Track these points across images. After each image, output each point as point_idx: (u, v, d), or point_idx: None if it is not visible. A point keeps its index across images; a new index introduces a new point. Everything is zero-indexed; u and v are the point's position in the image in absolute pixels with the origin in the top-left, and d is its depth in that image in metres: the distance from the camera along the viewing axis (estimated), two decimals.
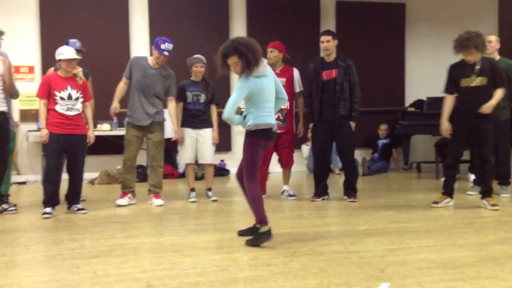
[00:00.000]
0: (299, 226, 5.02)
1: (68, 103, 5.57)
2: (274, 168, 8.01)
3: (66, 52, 5.57)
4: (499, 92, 5.75)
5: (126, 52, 9.01)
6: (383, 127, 10.03)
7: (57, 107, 5.54)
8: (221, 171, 9.36)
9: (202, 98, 6.48)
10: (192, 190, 6.57)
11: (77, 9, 8.93)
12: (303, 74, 6.62)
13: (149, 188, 6.34)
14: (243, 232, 4.54)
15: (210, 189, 6.65)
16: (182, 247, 4.17)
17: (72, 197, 5.79)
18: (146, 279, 3.35)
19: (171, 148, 7.82)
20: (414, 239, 4.41)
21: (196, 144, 6.50)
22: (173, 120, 6.36)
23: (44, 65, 8.46)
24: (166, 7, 9.34)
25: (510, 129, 6.71)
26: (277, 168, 7.31)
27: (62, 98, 5.55)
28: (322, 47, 6.39)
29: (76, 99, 5.62)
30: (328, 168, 6.76)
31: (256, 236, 4.28)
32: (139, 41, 9.24)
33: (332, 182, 7.45)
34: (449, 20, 10.45)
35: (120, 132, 8.32)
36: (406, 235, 4.54)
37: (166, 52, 6.14)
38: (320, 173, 6.51)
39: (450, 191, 6.00)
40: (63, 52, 5.57)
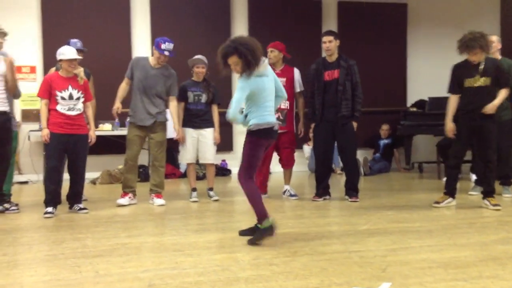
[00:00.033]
0: (301, 226, 5.02)
1: (69, 103, 5.58)
2: (275, 168, 8.02)
3: (67, 52, 5.57)
4: (503, 92, 5.74)
5: (128, 52, 9.01)
6: (385, 127, 10.03)
7: (58, 107, 5.55)
8: (222, 171, 9.36)
9: (203, 98, 6.48)
10: (194, 190, 6.57)
11: (78, 9, 8.94)
12: (305, 74, 6.62)
13: (150, 188, 6.34)
14: (244, 232, 4.54)
15: (211, 189, 6.65)
16: (184, 247, 4.18)
17: (74, 197, 5.79)
18: (148, 278, 3.36)
19: (172, 148, 7.82)
20: (416, 239, 4.41)
21: (197, 144, 6.51)
22: (174, 120, 6.37)
23: (45, 65, 8.46)
24: (167, 8, 9.35)
25: None
26: (278, 168, 7.31)
27: (63, 98, 5.55)
28: (324, 48, 6.39)
29: (77, 99, 5.63)
30: (330, 168, 6.76)
31: (258, 232, 4.30)
32: (141, 41, 9.24)
33: (334, 182, 7.45)
34: (451, 20, 10.45)
35: (121, 132, 8.34)
36: (407, 235, 4.54)
37: (166, 52, 6.14)
38: (322, 173, 6.51)
39: (452, 191, 5.99)
40: (64, 52, 5.58)
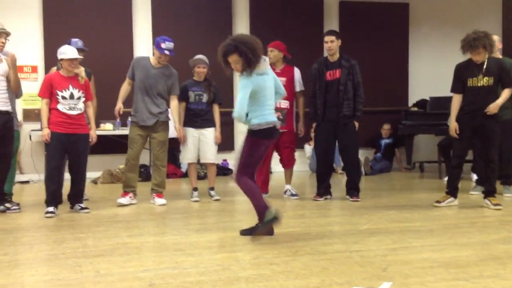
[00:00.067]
0: (302, 225, 5.02)
1: (70, 102, 5.57)
2: (276, 167, 8.01)
3: (68, 52, 5.57)
4: (506, 92, 5.73)
5: (129, 52, 9.01)
6: (386, 127, 10.03)
7: (59, 106, 5.55)
8: (223, 171, 9.36)
9: (204, 98, 6.48)
10: (195, 189, 6.58)
11: (80, 9, 8.95)
12: (306, 74, 6.62)
13: (152, 187, 6.35)
14: (245, 232, 4.54)
15: (212, 188, 6.66)
16: (185, 246, 4.18)
17: (75, 197, 5.79)
18: (148, 278, 3.36)
19: (174, 148, 7.83)
20: (417, 238, 4.41)
21: (198, 143, 6.51)
22: (174, 119, 6.36)
23: (47, 64, 8.47)
24: (169, 7, 9.35)
25: None
26: (279, 168, 7.31)
27: (64, 98, 5.55)
28: (326, 47, 6.39)
29: (78, 98, 5.63)
30: (331, 168, 6.76)
31: (263, 224, 4.33)
32: (142, 41, 9.25)
33: (335, 182, 7.45)
34: (452, 20, 10.45)
35: (123, 131, 8.34)
36: (408, 235, 4.53)
37: (167, 51, 6.13)
38: (323, 172, 6.50)
39: (454, 190, 5.98)
40: (65, 51, 5.57)
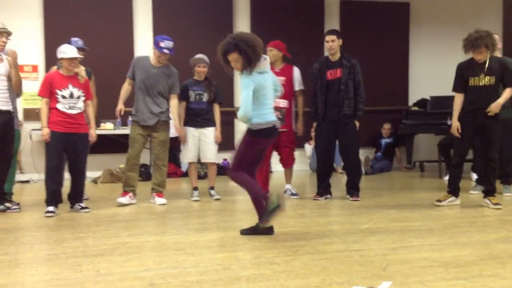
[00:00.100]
0: (302, 225, 5.02)
1: (70, 102, 5.57)
2: (276, 167, 8.01)
3: (68, 51, 5.56)
4: (508, 91, 5.71)
5: (130, 52, 9.01)
6: (387, 126, 10.03)
7: (58, 106, 5.54)
8: (224, 170, 9.35)
9: (205, 97, 6.48)
10: (195, 189, 6.58)
11: (80, 8, 8.94)
12: (307, 73, 6.62)
13: (152, 187, 6.35)
14: (245, 231, 4.55)
15: (213, 187, 6.66)
16: (185, 246, 4.18)
17: (75, 196, 5.80)
18: (149, 277, 3.36)
19: (174, 147, 7.83)
20: (417, 237, 4.41)
21: (199, 143, 6.51)
22: (174, 117, 6.34)
23: (47, 64, 8.46)
24: (169, 7, 9.34)
25: None
26: (279, 167, 7.31)
27: (63, 97, 5.55)
28: (327, 47, 6.39)
29: (78, 97, 5.62)
30: (331, 167, 6.76)
31: (267, 212, 4.34)
32: (143, 40, 9.24)
33: (335, 181, 7.45)
34: (453, 20, 10.44)
35: (123, 131, 8.34)
36: (408, 234, 4.54)
37: (166, 50, 6.11)
38: (323, 172, 6.51)
39: (455, 190, 5.98)
40: (64, 50, 5.57)
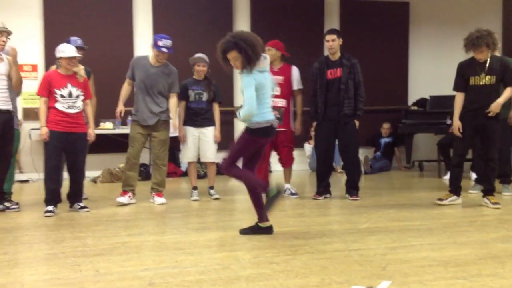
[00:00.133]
0: (301, 224, 5.02)
1: (69, 101, 5.56)
2: (276, 166, 8.01)
3: (66, 50, 5.55)
4: (508, 91, 5.71)
5: (130, 51, 9.00)
6: (386, 126, 10.02)
7: (57, 105, 5.53)
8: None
9: (204, 97, 6.48)
10: (195, 188, 6.58)
11: (80, 8, 8.93)
12: (307, 72, 6.62)
13: (151, 186, 6.34)
14: (245, 231, 4.55)
15: (212, 187, 6.66)
16: (185, 245, 4.18)
17: (74, 196, 5.79)
18: (148, 277, 3.36)
19: (174, 147, 7.83)
20: (416, 237, 4.42)
21: (198, 142, 6.51)
22: (173, 116, 6.32)
23: (47, 63, 8.46)
24: (169, 6, 9.33)
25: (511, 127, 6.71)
26: (278, 167, 7.31)
27: (62, 96, 5.54)
28: (327, 46, 6.39)
29: (77, 97, 5.62)
30: (331, 167, 6.76)
31: (269, 200, 4.38)
32: (143, 40, 9.21)
33: (334, 181, 7.45)
34: (452, 19, 10.44)
35: (123, 130, 8.34)
36: (408, 233, 4.54)
37: (164, 49, 6.09)
38: (323, 171, 6.51)
39: (456, 189, 5.99)
40: (63, 49, 5.56)
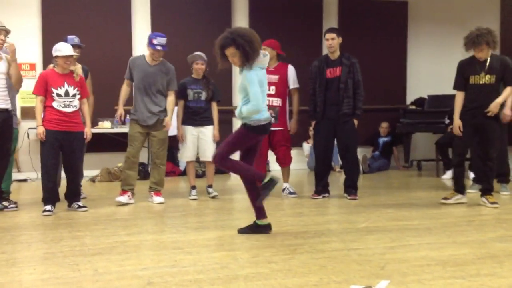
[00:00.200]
0: (300, 223, 5.02)
1: (65, 100, 5.55)
2: (274, 166, 8.01)
3: (63, 49, 5.53)
4: (508, 90, 5.70)
5: (128, 50, 8.99)
6: (384, 125, 10.02)
7: (54, 104, 5.52)
8: (224, 169, 9.33)
9: (203, 96, 6.47)
10: (193, 187, 6.57)
11: (79, 7, 8.92)
12: (305, 72, 6.61)
13: (150, 186, 6.33)
14: (243, 230, 4.55)
15: (210, 186, 6.65)
16: (183, 245, 4.18)
17: (72, 195, 5.78)
18: (147, 276, 3.36)
19: (172, 146, 7.82)
20: (415, 236, 4.42)
21: (197, 141, 6.51)
22: (169, 114, 6.27)
23: (45, 62, 8.43)
24: (168, 6, 9.32)
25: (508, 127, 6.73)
26: (277, 166, 7.30)
27: (59, 95, 5.53)
28: (326, 45, 6.39)
29: (73, 95, 5.60)
30: (329, 166, 6.77)
31: (264, 189, 4.36)
32: (141, 39, 9.15)
33: (333, 180, 7.44)
34: (451, 19, 10.44)
35: (121, 129, 8.33)
36: (406, 233, 4.54)
37: (158, 47, 6.06)
38: (321, 171, 6.51)
39: (460, 188, 6.01)
40: (60, 48, 5.54)
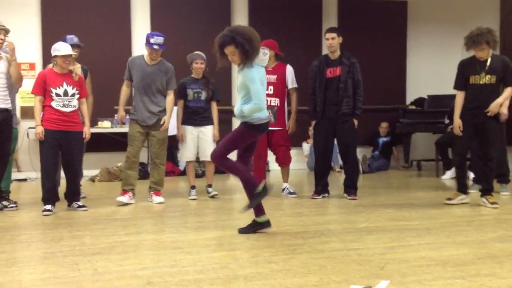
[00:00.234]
0: (299, 223, 5.02)
1: (64, 100, 5.54)
2: (274, 165, 8.01)
3: (62, 48, 5.53)
4: (508, 91, 5.70)
5: (128, 50, 9.00)
6: (384, 125, 10.03)
7: (53, 104, 5.52)
8: (222, 169, 9.32)
9: (203, 95, 6.47)
10: (193, 187, 6.57)
11: (78, 7, 8.92)
12: (305, 72, 6.61)
13: (150, 185, 6.33)
14: (243, 230, 4.55)
15: (210, 185, 6.65)
16: (183, 245, 4.18)
17: (71, 195, 5.78)
18: (146, 276, 3.36)
19: (172, 146, 7.82)
20: (414, 236, 4.42)
21: (197, 141, 6.51)
22: (168, 113, 6.26)
23: (45, 62, 8.44)
24: (168, 6, 9.32)
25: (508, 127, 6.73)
26: (276, 166, 7.30)
27: (58, 95, 5.52)
28: (327, 44, 6.39)
29: (72, 95, 5.60)
30: (329, 166, 6.76)
31: (254, 197, 4.35)
32: (141, 39, 9.15)
33: (333, 180, 7.45)
34: (450, 19, 10.45)
35: (120, 129, 8.32)
36: (406, 233, 4.54)
37: (156, 46, 6.05)
38: (321, 170, 6.51)
39: (463, 188, 6.01)
40: (59, 48, 5.54)
